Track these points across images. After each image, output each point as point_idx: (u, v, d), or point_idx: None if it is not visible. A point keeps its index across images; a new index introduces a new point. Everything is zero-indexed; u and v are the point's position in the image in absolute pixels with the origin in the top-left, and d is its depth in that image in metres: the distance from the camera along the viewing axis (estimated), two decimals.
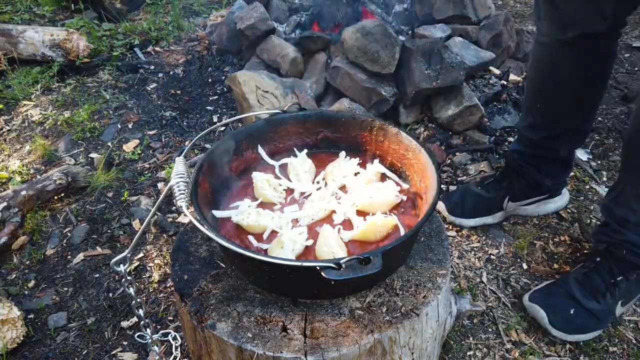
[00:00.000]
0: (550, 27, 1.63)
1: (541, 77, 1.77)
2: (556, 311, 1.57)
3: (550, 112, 1.78)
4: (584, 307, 1.55)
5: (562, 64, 1.68)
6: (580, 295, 1.57)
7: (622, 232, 1.57)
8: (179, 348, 1.54)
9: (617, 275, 1.58)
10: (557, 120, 1.77)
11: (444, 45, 2.46)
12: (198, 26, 3.53)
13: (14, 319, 1.56)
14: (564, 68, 1.68)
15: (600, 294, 1.57)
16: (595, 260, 1.63)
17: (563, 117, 1.76)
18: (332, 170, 1.36)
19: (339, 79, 2.44)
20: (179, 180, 1.05)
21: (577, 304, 1.56)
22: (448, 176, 2.25)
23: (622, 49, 3.30)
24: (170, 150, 2.45)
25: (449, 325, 1.30)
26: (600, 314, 1.56)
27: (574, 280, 1.60)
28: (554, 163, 1.88)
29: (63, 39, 2.93)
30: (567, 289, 1.59)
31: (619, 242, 1.58)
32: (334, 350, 1.01)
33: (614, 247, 1.59)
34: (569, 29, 1.57)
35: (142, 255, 1.92)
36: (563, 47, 1.63)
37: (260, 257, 0.94)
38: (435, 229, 1.32)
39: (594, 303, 1.56)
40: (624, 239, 1.57)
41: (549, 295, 1.62)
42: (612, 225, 1.60)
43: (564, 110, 1.75)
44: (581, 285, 1.58)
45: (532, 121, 1.84)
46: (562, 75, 1.69)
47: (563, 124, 1.77)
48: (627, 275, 1.58)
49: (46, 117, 2.66)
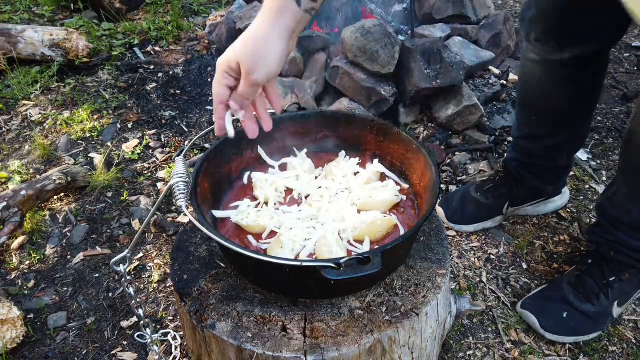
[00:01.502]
0: (542, 48, 1.57)
1: (532, 94, 1.73)
2: (548, 316, 1.56)
3: (544, 125, 1.74)
4: (577, 309, 1.55)
5: (554, 83, 1.64)
6: (574, 298, 1.56)
7: (614, 232, 1.55)
8: (178, 348, 1.54)
9: (609, 276, 1.56)
10: (553, 132, 1.74)
11: (443, 45, 2.46)
12: (198, 26, 3.53)
13: (14, 318, 1.56)
14: (556, 86, 1.64)
15: (594, 295, 1.55)
16: (587, 262, 1.62)
17: (558, 129, 1.73)
18: (332, 170, 1.36)
19: (339, 79, 2.44)
20: (178, 180, 1.05)
21: (570, 307, 1.55)
22: (448, 176, 2.25)
23: (622, 48, 3.31)
24: (170, 150, 2.45)
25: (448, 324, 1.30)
26: (596, 315, 1.55)
27: (567, 284, 1.59)
28: (553, 170, 1.87)
29: (62, 38, 2.93)
30: (561, 293, 1.58)
31: (609, 243, 1.56)
32: (334, 350, 1.01)
33: (604, 248, 1.58)
34: (567, 51, 1.53)
35: (142, 255, 1.92)
36: (555, 66, 1.59)
37: (260, 256, 0.94)
38: (435, 228, 1.32)
39: (588, 305, 1.55)
40: (615, 240, 1.55)
41: (541, 300, 1.61)
42: (604, 225, 1.58)
43: (558, 123, 1.72)
44: (574, 288, 1.57)
45: (527, 132, 1.81)
46: (554, 92, 1.66)
47: (559, 135, 1.74)
48: (619, 276, 1.56)
49: (46, 116, 2.66)
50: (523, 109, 1.80)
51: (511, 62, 2.91)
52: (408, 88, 2.39)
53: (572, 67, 1.57)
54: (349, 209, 1.23)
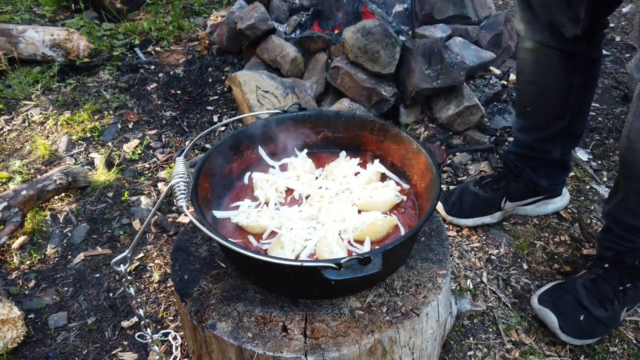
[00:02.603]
0: (528, 31, 1.64)
1: (526, 81, 1.78)
2: (567, 318, 1.54)
3: (538, 115, 1.78)
4: (591, 314, 1.53)
5: (545, 69, 1.68)
6: (588, 302, 1.54)
7: (632, 239, 1.54)
8: (179, 348, 1.54)
9: (626, 282, 1.55)
10: (546, 124, 1.78)
11: (444, 45, 2.46)
12: (198, 26, 3.53)
13: (14, 318, 1.56)
14: (547, 72, 1.69)
15: (608, 301, 1.54)
16: (604, 267, 1.60)
17: (552, 120, 1.76)
18: (333, 170, 1.36)
19: (339, 79, 2.44)
20: (179, 180, 1.05)
21: (585, 310, 1.54)
22: (448, 176, 2.25)
23: (622, 48, 3.30)
24: (171, 150, 2.45)
25: (449, 325, 1.31)
26: (608, 321, 1.55)
27: (581, 286, 1.58)
28: (549, 164, 1.87)
29: (63, 38, 2.93)
30: (575, 295, 1.57)
31: (629, 250, 1.55)
32: (334, 350, 1.01)
33: (623, 255, 1.56)
34: (546, 32, 1.58)
35: (142, 255, 1.92)
36: (545, 52, 1.64)
37: (260, 257, 0.94)
38: (435, 229, 1.32)
39: (601, 311, 1.53)
40: (634, 247, 1.54)
41: (558, 299, 1.59)
42: (618, 232, 1.57)
43: (552, 113, 1.75)
44: (589, 292, 1.56)
45: (523, 124, 1.85)
46: (546, 79, 1.70)
47: (553, 127, 1.77)
48: (635, 283, 1.56)
49: (46, 117, 2.66)
50: (519, 99, 1.85)
51: (512, 63, 2.91)
52: (409, 88, 2.39)
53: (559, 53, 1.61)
54: (350, 209, 1.23)
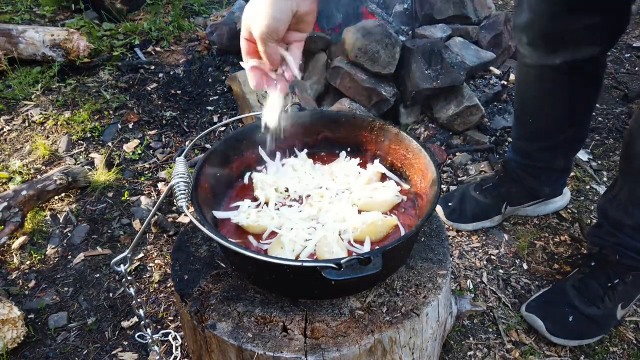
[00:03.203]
0: (535, 54, 1.58)
1: (528, 97, 1.73)
2: (554, 320, 1.55)
3: (540, 128, 1.75)
4: (583, 313, 1.54)
5: (549, 87, 1.64)
6: (579, 302, 1.55)
7: (616, 234, 1.54)
8: (179, 348, 1.54)
9: (614, 278, 1.56)
10: (548, 135, 1.75)
11: (444, 46, 2.46)
12: (198, 26, 3.53)
13: (15, 318, 1.56)
14: (551, 90, 1.65)
15: (599, 298, 1.55)
16: (590, 265, 1.61)
17: (554, 132, 1.73)
18: (333, 171, 1.36)
19: (340, 79, 2.44)
20: (179, 181, 1.05)
21: (575, 310, 1.54)
22: (448, 176, 2.25)
23: (623, 49, 3.30)
24: (171, 150, 2.45)
25: (449, 325, 1.30)
26: (601, 319, 1.54)
27: (570, 287, 1.59)
28: (551, 172, 1.86)
29: (63, 39, 2.93)
30: (565, 296, 1.57)
31: (612, 246, 1.56)
32: (334, 351, 1.01)
33: (607, 251, 1.57)
34: (560, 56, 1.52)
35: (142, 255, 1.92)
36: (550, 71, 1.59)
37: (260, 257, 0.94)
38: (435, 229, 1.32)
39: (593, 309, 1.54)
40: (617, 242, 1.54)
41: (546, 303, 1.60)
42: (605, 226, 1.57)
43: (554, 126, 1.72)
44: (578, 292, 1.57)
45: (524, 133, 1.82)
46: (549, 97, 1.66)
47: (555, 137, 1.74)
48: (623, 278, 1.56)
49: (47, 117, 2.66)
50: (520, 110, 1.80)
51: (512, 63, 2.91)
52: (409, 88, 2.39)
53: (565, 73, 1.57)
54: (350, 209, 1.23)
